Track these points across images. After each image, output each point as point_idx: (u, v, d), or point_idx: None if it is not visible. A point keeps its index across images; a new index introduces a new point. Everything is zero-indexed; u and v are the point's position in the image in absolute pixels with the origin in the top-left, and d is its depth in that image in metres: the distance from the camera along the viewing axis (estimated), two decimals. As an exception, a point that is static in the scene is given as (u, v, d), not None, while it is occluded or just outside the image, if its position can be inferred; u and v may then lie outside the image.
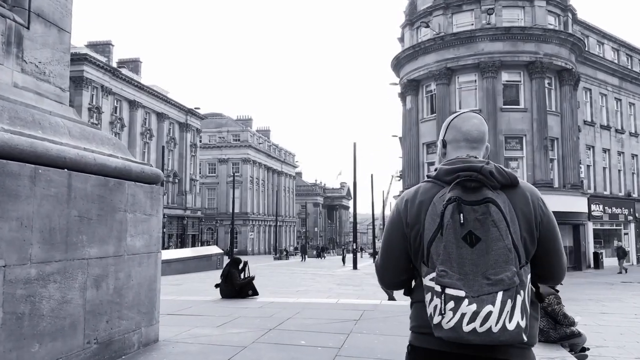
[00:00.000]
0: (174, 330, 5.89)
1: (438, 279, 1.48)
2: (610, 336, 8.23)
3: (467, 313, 1.42)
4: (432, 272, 1.51)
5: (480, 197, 1.51)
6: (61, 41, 4.91)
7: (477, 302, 1.42)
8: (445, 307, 1.44)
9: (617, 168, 33.35)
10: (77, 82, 35.72)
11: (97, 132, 4.92)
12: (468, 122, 1.77)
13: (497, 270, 1.45)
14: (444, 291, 1.46)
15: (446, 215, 1.51)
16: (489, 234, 1.48)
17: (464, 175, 1.55)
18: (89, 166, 4.25)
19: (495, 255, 1.46)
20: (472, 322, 1.42)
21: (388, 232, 1.72)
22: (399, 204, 1.70)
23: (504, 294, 1.43)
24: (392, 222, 1.71)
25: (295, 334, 5.88)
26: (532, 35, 26.19)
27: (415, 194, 1.67)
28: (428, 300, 1.51)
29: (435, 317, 1.47)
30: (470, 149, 1.74)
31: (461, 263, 1.47)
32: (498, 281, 1.44)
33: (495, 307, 1.42)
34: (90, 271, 4.23)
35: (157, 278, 5.28)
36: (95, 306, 4.28)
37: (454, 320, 1.43)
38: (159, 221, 5.34)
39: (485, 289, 1.43)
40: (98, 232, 4.33)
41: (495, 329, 1.41)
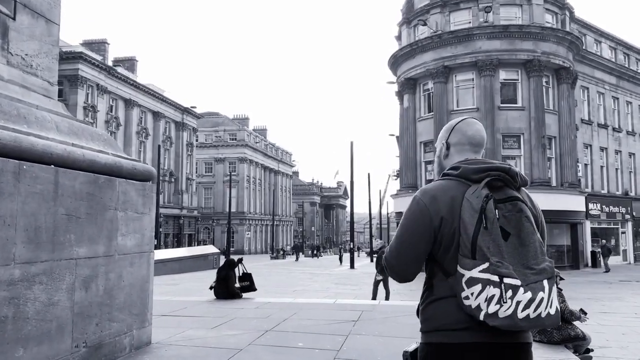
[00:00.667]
0: (167, 332, 5.73)
1: (496, 269, 1.56)
2: (613, 336, 8.11)
3: (523, 301, 1.53)
4: (482, 264, 1.58)
5: (506, 196, 1.66)
6: (49, 33, 4.73)
7: (530, 290, 1.54)
8: (506, 295, 1.53)
9: (615, 167, 33.29)
10: (72, 80, 35.47)
11: (86, 128, 4.74)
12: (472, 127, 1.92)
13: (537, 260, 1.59)
14: (502, 281, 1.54)
15: (489, 211, 1.61)
16: (523, 228, 1.62)
17: (494, 174, 1.68)
18: (77, 162, 4.08)
19: (533, 247, 1.61)
20: (526, 309, 1.53)
21: (411, 226, 1.73)
22: (423, 199, 1.73)
23: (548, 281, 1.58)
24: (415, 216, 1.73)
25: (293, 336, 5.72)
26: (530, 33, 26.07)
27: (444, 190, 1.72)
28: (475, 293, 1.58)
29: (489, 307, 1.55)
30: (473, 152, 1.88)
31: (507, 255, 1.58)
32: (541, 270, 1.58)
33: (545, 294, 1.56)
34: (79, 272, 4.06)
35: (149, 278, 5.11)
36: (84, 308, 4.11)
37: (512, 308, 1.53)
38: (151, 220, 5.17)
39: (532, 278, 1.56)
40: (87, 231, 4.16)
41: (543, 314, 1.55)
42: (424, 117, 28.45)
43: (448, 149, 1.92)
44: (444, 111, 26.77)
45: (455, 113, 26.79)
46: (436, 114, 26.93)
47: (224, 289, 9.65)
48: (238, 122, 73.01)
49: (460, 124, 1.93)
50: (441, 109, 26.80)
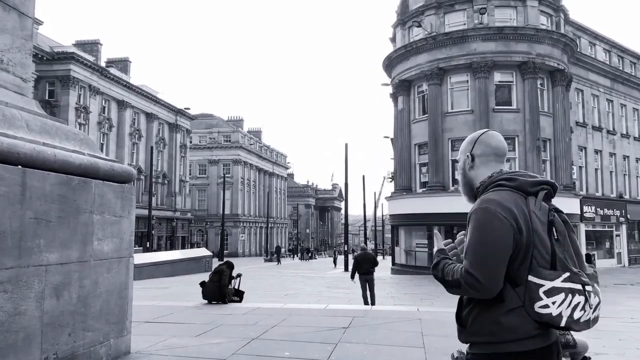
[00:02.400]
0: (149, 340, 5.49)
1: (580, 278, 1.67)
2: (610, 342, 7.91)
3: (594, 304, 1.68)
4: (564, 273, 1.68)
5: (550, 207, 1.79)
6: (22, 27, 4.50)
7: (597, 295, 1.69)
8: (591, 301, 1.66)
9: (609, 169, 33.25)
10: (64, 81, 35.11)
11: (61, 126, 4.51)
12: (496, 139, 2.00)
13: (584, 267, 1.73)
14: (584, 289, 1.66)
15: (557, 224, 1.74)
16: (570, 238, 1.75)
17: (546, 188, 1.81)
18: (47, 163, 3.85)
19: (579, 255, 1.76)
20: (595, 311, 1.69)
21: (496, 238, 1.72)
22: (502, 211, 1.74)
23: (596, 286, 1.72)
24: (498, 228, 1.72)
25: (280, 345, 5.50)
26: (525, 35, 25.98)
27: (514, 202, 1.77)
28: (558, 301, 1.66)
29: (575, 313, 1.65)
30: (499, 163, 1.97)
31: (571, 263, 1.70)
32: (591, 276, 1.72)
33: (599, 297, 1.71)
34: (49, 279, 3.83)
35: (128, 285, 4.88)
36: (55, 317, 3.88)
37: (589, 314, 1.67)
38: (130, 223, 4.94)
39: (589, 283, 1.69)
40: (59, 235, 3.93)
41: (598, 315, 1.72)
42: (418, 119, 28.29)
43: (473, 160, 1.99)
44: (439, 113, 26.63)
45: (449, 115, 26.67)
46: (431, 116, 26.78)
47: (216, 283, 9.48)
48: (232, 123, 72.66)
49: (483, 136, 2.01)
50: (436, 111, 26.65)
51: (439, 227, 26.44)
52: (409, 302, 13.39)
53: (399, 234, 29.24)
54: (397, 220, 29.03)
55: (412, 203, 26.77)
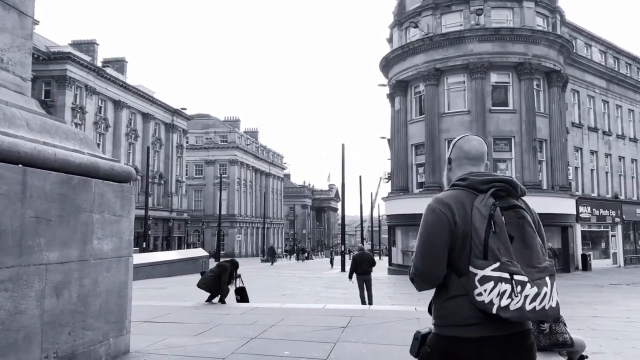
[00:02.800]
0: (148, 339, 5.49)
1: (507, 267, 1.76)
2: (606, 341, 7.97)
3: (530, 295, 1.75)
4: (494, 263, 1.78)
5: (509, 204, 1.89)
6: (22, 26, 4.50)
7: (536, 286, 1.76)
8: (516, 290, 1.74)
9: (605, 170, 33.39)
10: (60, 81, 35.01)
11: (61, 126, 4.51)
12: (469, 144, 2.11)
13: (539, 260, 1.83)
14: (512, 277, 1.75)
15: (497, 217, 1.82)
16: (526, 232, 1.85)
17: (498, 185, 1.90)
18: (48, 162, 3.85)
19: (535, 249, 1.84)
20: (533, 302, 1.75)
21: (433, 232, 1.89)
22: (441, 207, 1.90)
23: (550, 277, 1.81)
24: (435, 222, 1.90)
25: (279, 344, 5.51)
26: (521, 36, 26.07)
27: (457, 199, 1.92)
28: (489, 289, 1.77)
29: (502, 300, 1.75)
30: (471, 166, 2.06)
31: (515, 256, 1.79)
32: (544, 268, 1.81)
33: (547, 289, 1.78)
34: (50, 278, 3.83)
35: (127, 284, 4.88)
36: (55, 316, 3.88)
37: (521, 302, 1.74)
38: (130, 223, 4.95)
39: (537, 275, 1.78)
40: (59, 234, 3.93)
41: (547, 306, 1.78)
42: (415, 119, 28.35)
43: (450, 163, 2.15)
44: (435, 114, 26.69)
45: (446, 116, 26.73)
46: (427, 117, 26.84)
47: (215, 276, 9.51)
48: (229, 124, 72.56)
49: (460, 140, 2.14)
50: (432, 111, 26.71)
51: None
52: (406, 302, 13.41)
53: (395, 234, 29.29)
54: (394, 221, 29.07)
55: (408, 203, 26.79)
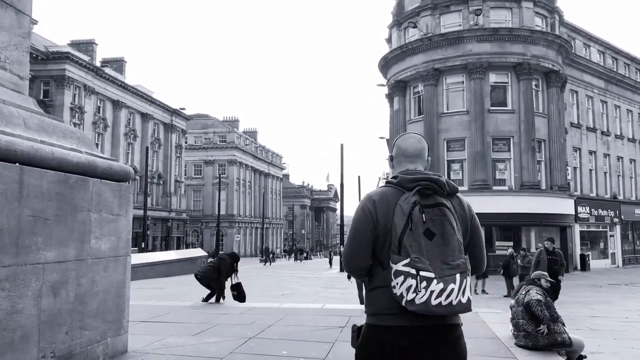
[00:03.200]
0: (146, 339, 5.48)
1: (414, 264, 1.84)
2: (604, 341, 7.97)
3: (435, 290, 1.81)
4: (405, 259, 1.86)
5: (434, 202, 1.94)
6: (19, 25, 4.48)
7: (443, 282, 1.82)
8: (420, 286, 1.82)
9: (603, 170, 33.42)
10: (58, 81, 34.96)
11: (58, 125, 4.50)
12: (406, 142, 2.19)
13: (454, 257, 1.88)
14: (418, 273, 1.83)
15: (414, 215, 1.89)
16: (445, 230, 1.90)
17: (424, 184, 1.96)
18: (45, 161, 3.84)
19: (452, 246, 1.89)
20: (439, 297, 1.81)
21: (358, 226, 2.01)
22: (368, 204, 2.02)
23: (460, 275, 1.87)
24: (361, 218, 2.01)
25: (277, 343, 5.50)
26: (520, 36, 26.10)
27: (382, 196, 2.02)
28: (399, 283, 1.86)
29: (408, 294, 1.83)
30: (409, 163, 2.14)
31: (426, 252, 1.86)
32: (455, 266, 1.87)
33: (455, 285, 1.84)
34: (47, 277, 3.81)
35: (125, 284, 4.87)
36: (52, 316, 3.86)
37: (426, 296, 1.81)
38: (128, 222, 4.93)
39: (447, 272, 1.85)
40: (56, 233, 3.92)
41: (454, 302, 1.83)
42: (414, 119, 28.35)
43: (392, 161, 2.22)
44: (434, 114, 26.69)
45: (445, 116, 26.74)
46: (426, 117, 26.85)
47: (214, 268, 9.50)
48: (228, 124, 72.50)
49: (399, 139, 2.23)
50: (431, 111, 26.72)
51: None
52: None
53: (394, 234, 29.27)
54: (393, 221, 29.04)
55: (407, 203, 26.78)
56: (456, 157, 26.51)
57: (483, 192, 24.86)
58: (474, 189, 25.12)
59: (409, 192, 1.95)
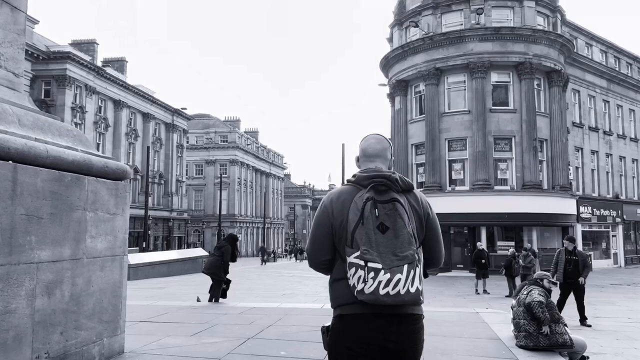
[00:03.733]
0: (143, 339, 5.43)
1: (362, 256, 1.95)
2: (607, 342, 7.90)
3: (383, 280, 1.92)
4: (356, 252, 1.98)
5: (388, 197, 2.04)
6: (15, 21, 4.43)
7: (390, 272, 1.92)
8: (367, 276, 1.93)
9: (606, 170, 33.30)
10: (60, 80, 34.95)
11: (54, 122, 4.44)
12: (366, 142, 2.33)
13: (403, 249, 1.97)
14: (366, 265, 1.94)
15: (366, 210, 2.00)
16: (396, 223, 2.00)
17: (377, 181, 2.08)
18: (39, 158, 3.78)
19: (402, 238, 1.98)
20: (386, 287, 1.92)
21: (317, 222, 2.16)
22: (327, 201, 2.17)
23: (408, 266, 1.96)
24: (321, 214, 2.15)
25: (276, 344, 5.44)
26: (522, 35, 26.01)
27: (340, 194, 2.15)
28: (352, 274, 1.98)
29: (358, 285, 1.95)
30: (369, 162, 2.27)
31: (377, 245, 1.96)
32: (404, 257, 1.96)
33: (402, 275, 1.93)
34: (41, 277, 3.76)
35: (122, 283, 4.81)
36: (46, 316, 3.81)
37: (374, 286, 1.91)
38: (125, 221, 4.88)
39: (395, 263, 1.94)
40: (51, 232, 3.87)
41: (402, 291, 1.93)
42: (415, 119, 28.28)
43: (358, 161, 2.35)
44: (436, 113, 26.62)
45: (446, 115, 26.66)
46: (428, 116, 26.77)
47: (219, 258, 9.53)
48: (229, 124, 72.48)
49: (362, 140, 2.36)
50: (433, 111, 26.64)
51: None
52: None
53: (395, 234, 29.20)
54: (394, 221, 28.97)
55: (409, 203, 26.70)
56: (458, 157, 26.43)
57: (485, 192, 24.78)
58: (476, 188, 25.05)
59: (364, 189, 2.07)
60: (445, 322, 7.24)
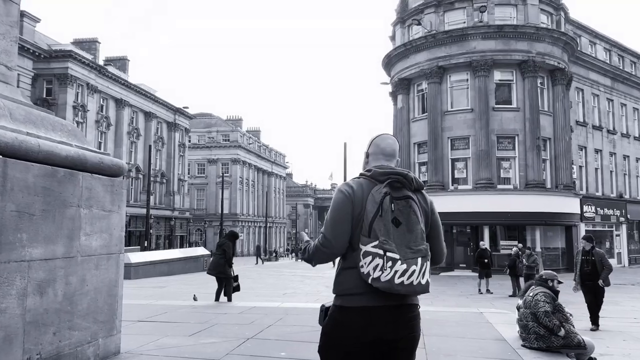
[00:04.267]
0: (140, 340, 5.31)
1: (382, 245, 2.04)
2: (614, 343, 7.76)
3: (399, 270, 2.01)
4: (374, 241, 2.06)
5: (402, 194, 2.15)
6: (7, 13, 4.32)
7: (406, 263, 2.02)
8: (386, 265, 2.01)
9: (609, 169, 33.10)
10: (61, 79, 34.88)
11: (47, 117, 4.33)
12: (385, 142, 2.42)
13: (417, 243, 2.08)
14: (385, 254, 2.02)
15: (384, 204, 2.10)
16: (410, 219, 2.11)
17: (394, 177, 2.18)
18: (31, 153, 3.67)
19: (416, 233, 2.09)
20: (401, 277, 2.01)
21: (338, 207, 2.21)
22: (346, 189, 2.23)
23: (422, 259, 2.07)
24: (341, 201, 2.21)
25: (276, 344, 5.32)
26: (525, 33, 25.82)
27: (359, 185, 2.24)
28: (367, 262, 2.05)
29: (374, 273, 2.02)
30: (386, 160, 2.38)
31: (393, 237, 2.06)
32: (418, 250, 2.07)
33: (417, 267, 2.04)
34: (33, 275, 3.65)
35: (118, 282, 4.70)
36: (38, 316, 3.70)
37: (390, 275, 2.00)
38: (121, 218, 4.76)
39: (410, 255, 2.04)
40: (43, 229, 3.75)
41: (415, 282, 2.03)
42: (418, 117, 28.12)
43: (367, 157, 2.44)
44: (438, 112, 26.46)
45: (449, 114, 26.49)
46: (430, 115, 26.62)
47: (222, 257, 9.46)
48: (231, 123, 72.40)
49: (377, 139, 2.45)
50: (435, 109, 26.49)
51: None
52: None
53: (398, 233, 29.06)
54: (396, 220, 28.83)
55: (411, 202, 26.54)
56: (460, 156, 26.27)
57: (487, 191, 24.62)
58: (479, 187, 24.89)
59: (380, 184, 2.17)
60: (449, 322, 7.11)
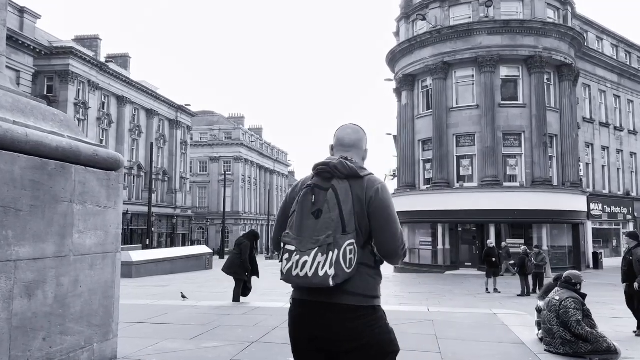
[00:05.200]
0: (138, 343, 5.02)
1: (284, 238, 2.09)
2: (633, 345, 7.43)
3: (294, 262, 2.01)
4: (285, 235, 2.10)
5: (328, 184, 2.09)
6: (-6, -6, 4.02)
7: (299, 255, 2.01)
8: (284, 257, 2.05)
9: (616, 166, 32.70)
10: (62, 76, 34.62)
11: (38, 105, 4.03)
12: (343, 132, 2.36)
13: (320, 233, 2.01)
14: (284, 246, 2.07)
15: (300, 196, 2.11)
16: (323, 208, 2.06)
17: (320, 168, 2.14)
18: (17, 143, 3.36)
19: (321, 223, 2.03)
20: (296, 269, 2.01)
21: (281, 207, 2.28)
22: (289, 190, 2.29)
23: (317, 250, 1.99)
24: (285, 200, 2.28)
25: (282, 349, 5.02)
26: (531, 28, 25.43)
27: (298, 182, 2.26)
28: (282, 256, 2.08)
29: (281, 265, 2.07)
30: (344, 152, 2.30)
31: (301, 229, 2.03)
32: (316, 241, 2.01)
33: (309, 258, 1.99)
34: (20, 276, 3.35)
35: (114, 283, 4.40)
36: (26, 320, 3.40)
37: (287, 267, 2.03)
38: (117, 215, 4.46)
39: (308, 246, 2.00)
40: (31, 227, 3.45)
41: (309, 274, 1.98)
42: (422, 114, 27.77)
43: (332, 150, 2.37)
44: (443, 108, 26.11)
45: (454, 110, 26.15)
46: (435, 111, 26.26)
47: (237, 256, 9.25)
48: (233, 120, 72.08)
49: (338, 130, 2.39)
50: (440, 106, 26.13)
51: (443, 224, 25.99)
52: (414, 301, 12.90)
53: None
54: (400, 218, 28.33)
55: (415, 200, 26.27)
56: (466, 153, 25.92)
57: (493, 188, 24.28)
58: (484, 185, 24.55)
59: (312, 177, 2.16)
60: (462, 324, 6.80)
